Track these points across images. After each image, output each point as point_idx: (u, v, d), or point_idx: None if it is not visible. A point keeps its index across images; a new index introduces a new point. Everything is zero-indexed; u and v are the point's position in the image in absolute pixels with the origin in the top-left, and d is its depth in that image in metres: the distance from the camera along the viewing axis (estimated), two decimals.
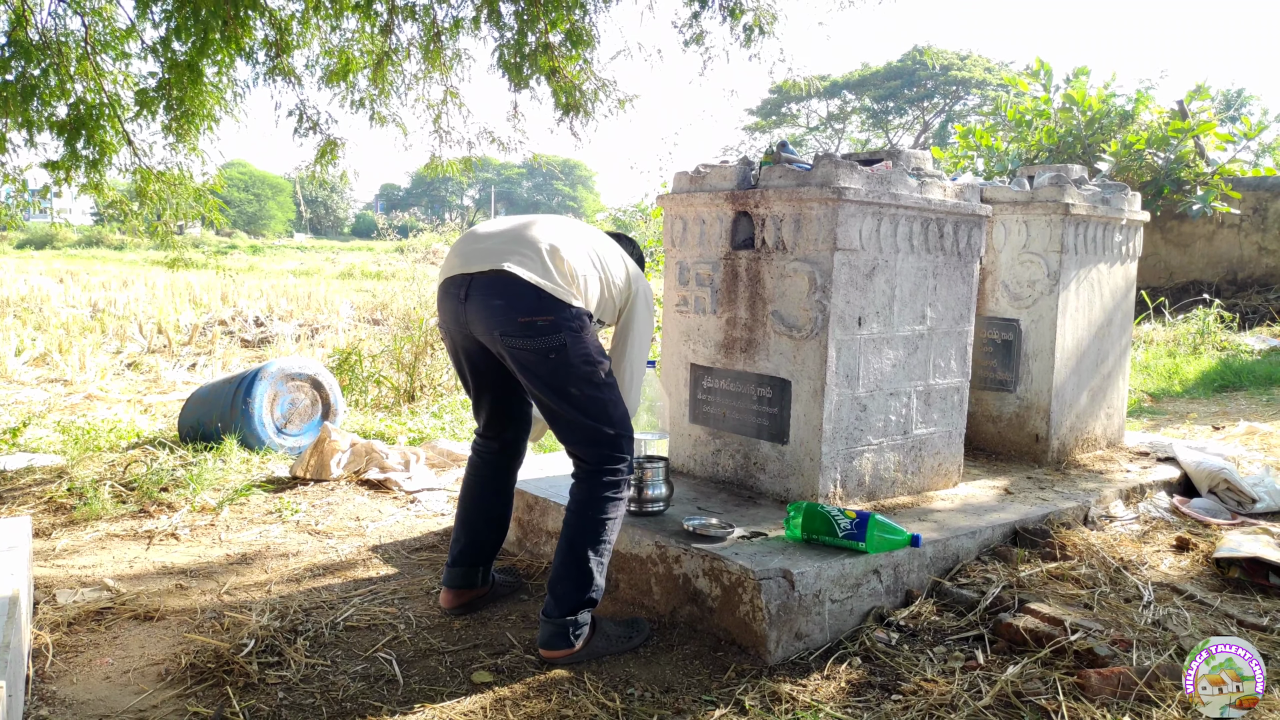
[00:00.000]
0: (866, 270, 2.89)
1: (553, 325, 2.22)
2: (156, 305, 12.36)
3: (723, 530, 2.60)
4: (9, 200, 5.96)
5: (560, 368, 2.25)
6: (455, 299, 2.31)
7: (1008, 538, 2.91)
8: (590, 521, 2.33)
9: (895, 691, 2.15)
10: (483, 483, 2.62)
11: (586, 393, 2.30)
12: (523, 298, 2.21)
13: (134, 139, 5.70)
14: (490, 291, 2.24)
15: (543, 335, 2.22)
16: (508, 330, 2.23)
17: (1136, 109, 11.69)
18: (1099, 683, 2.07)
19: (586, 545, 2.31)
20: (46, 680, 2.23)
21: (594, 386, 2.30)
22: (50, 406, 6.11)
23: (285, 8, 5.71)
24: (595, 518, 2.33)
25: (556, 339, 2.22)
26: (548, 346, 2.22)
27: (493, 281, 2.24)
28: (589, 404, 2.31)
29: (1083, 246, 3.76)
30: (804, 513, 2.56)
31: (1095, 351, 3.90)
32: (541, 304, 2.21)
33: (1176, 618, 2.45)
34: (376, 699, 2.16)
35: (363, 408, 6.27)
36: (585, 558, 2.30)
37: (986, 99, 35.59)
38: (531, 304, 2.21)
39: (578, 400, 2.29)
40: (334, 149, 6.02)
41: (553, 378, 2.26)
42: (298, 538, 3.39)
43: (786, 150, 3.09)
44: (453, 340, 2.42)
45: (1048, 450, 3.72)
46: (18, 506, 3.69)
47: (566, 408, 2.30)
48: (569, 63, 5.63)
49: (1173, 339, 9.07)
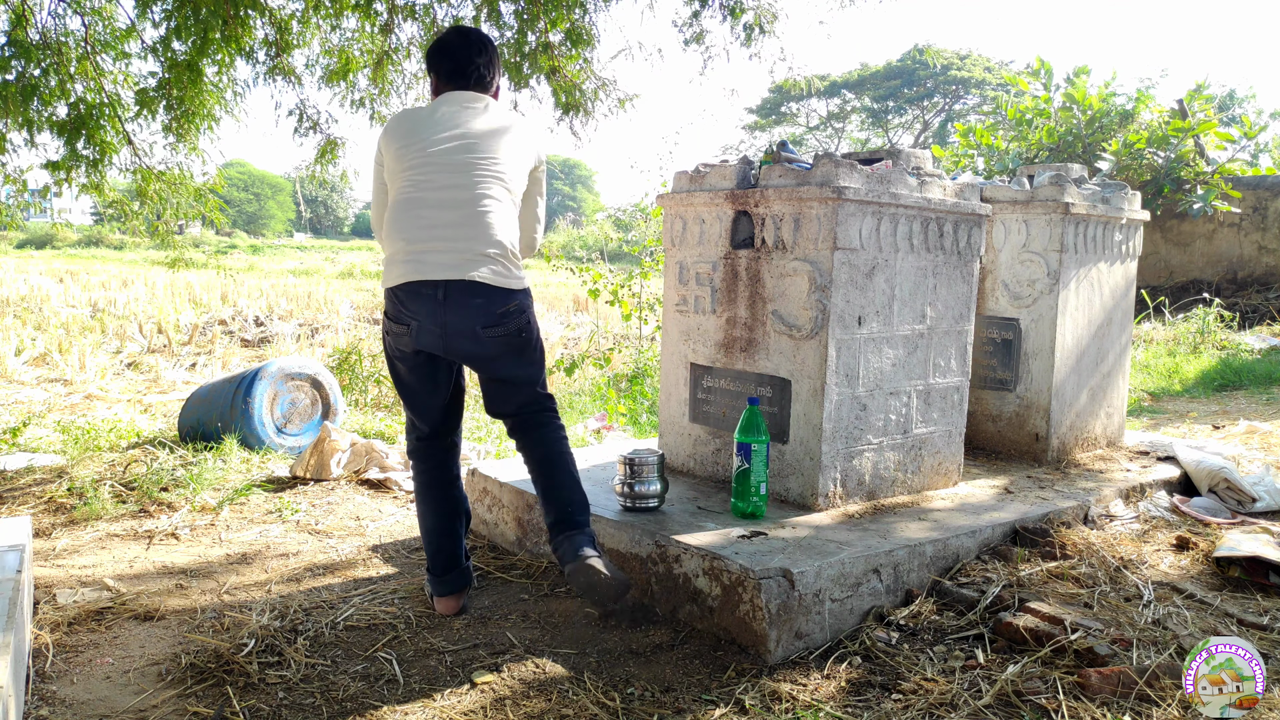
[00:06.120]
0: (866, 269, 2.89)
1: (518, 307, 2.57)
2: (156, 305, 12.36)
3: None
4: (9, 200, 5.96)
5: (526, 340, 2.61)
6: (433, 300, 2.50)
7: (1008, 537, 2.91)
8: (569, 453, 2.67)
9: (895, 690, 2.15)
10: (443, 485, 2.76)
11: (537, 355, 2.67)
12: (494, 295, 2.52)
13: (134, 139, 5.70)
14: (468, 292, 2.50)
15: (513, 318, 2.56)
16: (489, 323, 2.51)
17: (1137, 108, 11.69)
18: (1099, 682, 2.07)
19: (576, 470, 2.66)
20: (47, 680, 2.23)
21: (540, 348, 2.68)
22: (50, 406, 6.11)
23: (285, 7, 5.71)
24: (569, 450, 2.68)
25: (522, 318, 2.58)
26: (518, 326, 2.57)
27: (470, 285, 2.50)
28: (538, 363, 2.67)
29: (1083, 245, 3.76)
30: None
31: (1095, 350, 3.90)
32: (509, 294, 2.55)
33: (1176, 617, 2.45)
34: (377, 699, 2.16)
35: (363, 407, 6.28)
36: (579, 479, 2.65)
37: (987, 98, 35.59)
38: (503, 297, 2.54)
39: (532, 362, 2.64)
40: (334, 148, 6.02)
41: (521, 351, 2.60)
42: (298, 537, 3.39)
43: (786, 149, 3.09)
44: (402, 334, 2.56)
45: (1048, 449, 3.72)
46: (18, 506, 3.69)
47: (524, 372, 2.63)
48: (569, 62, 5.63)
49: (1173, 338, 9.07)
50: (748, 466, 2.75)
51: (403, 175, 2.59)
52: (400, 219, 2.56)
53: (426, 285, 2.50)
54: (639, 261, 7.27)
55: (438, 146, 2.55)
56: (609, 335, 8.99)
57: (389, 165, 2.63)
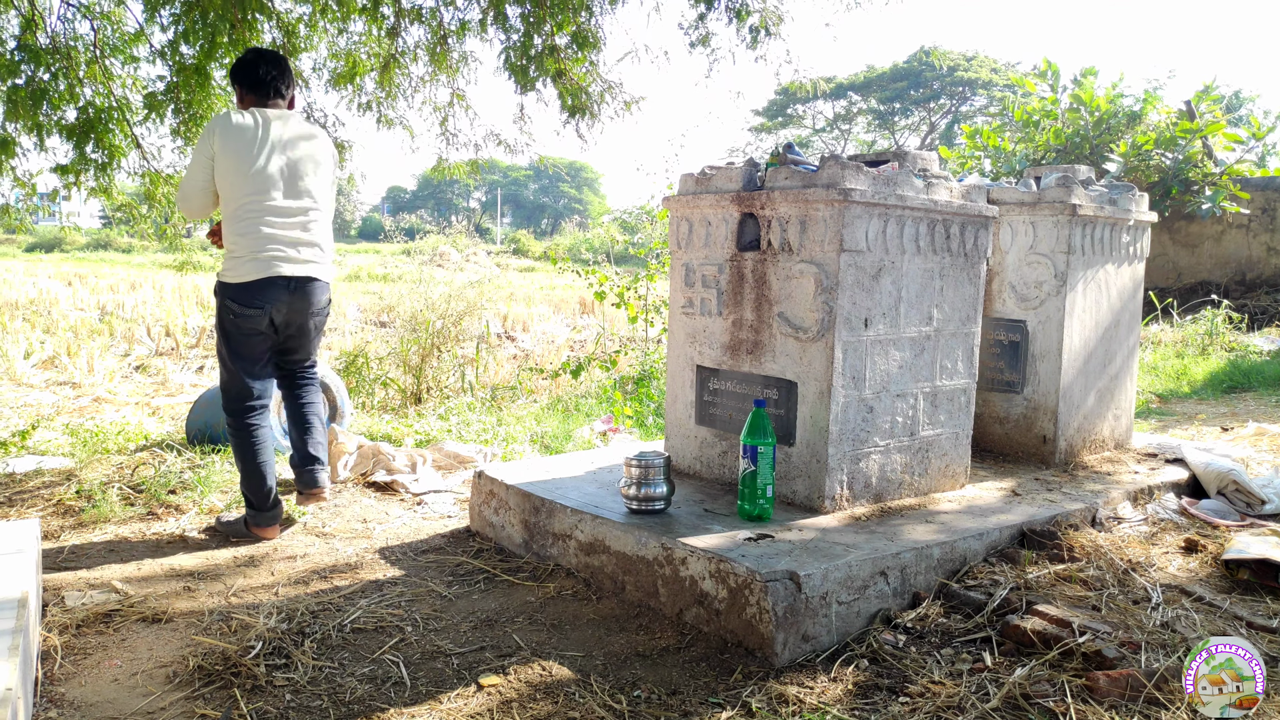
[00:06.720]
0: (873, 271, 2.89)
1: (329, 297, 3.52)
2: (164, 308, 12.40)
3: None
4: (18, 204, 5.99)
5: (326, 318, 3.55)
6: (285, 289, 3.32)
7: (1015, 539, 2.91)
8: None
9: (902, 694, 2.14)
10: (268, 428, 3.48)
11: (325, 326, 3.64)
12: (325, 289, 3.47)
13: (143, 142, 5.73)
14: (310, 287, 3.39)
15: (328, 304, 3.52)
16: (318, 310, 3.45)
17: (1144, 109, 11.66)
18: (1107, 685, 2.06)
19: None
20: (55, 682, 2.24)
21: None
22: (59, 409, 6.14)
23: (292, 11, 5.73)
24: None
25: (330, 304, 3.54)
26: (328, 310, 3.53)
27: (310, 280, 3.38)
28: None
29: (1090, 247, 3.75)
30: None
31: (1102, 352, 3.89)
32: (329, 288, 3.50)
33: (1185, 619, 2.44)
34: (384, 701, 2.16)
35: (369, 410, 6.29)
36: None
37: (993, 100, 35.55)
38: (328, 290, 3.48)
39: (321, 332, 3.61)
40: (341, 151, 6.03)
41: (323, 325, 3.56)
42: (305, 540, 3.40)
43: (792, 152, 3.09)
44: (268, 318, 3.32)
45: (1055, 452, 3.71)
46: (27, 509, 3.71)
47: (318, 341, 3.59)
48: (575, 65, 5.64)
49: (1181, 340, 9.04)
50: (754, 469, 2.75)
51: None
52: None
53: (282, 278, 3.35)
54: (645, 264, 7.27)
55: None
56: (615, 337, 8.99)
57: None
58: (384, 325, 10.97)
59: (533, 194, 66.86)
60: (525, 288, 17.68)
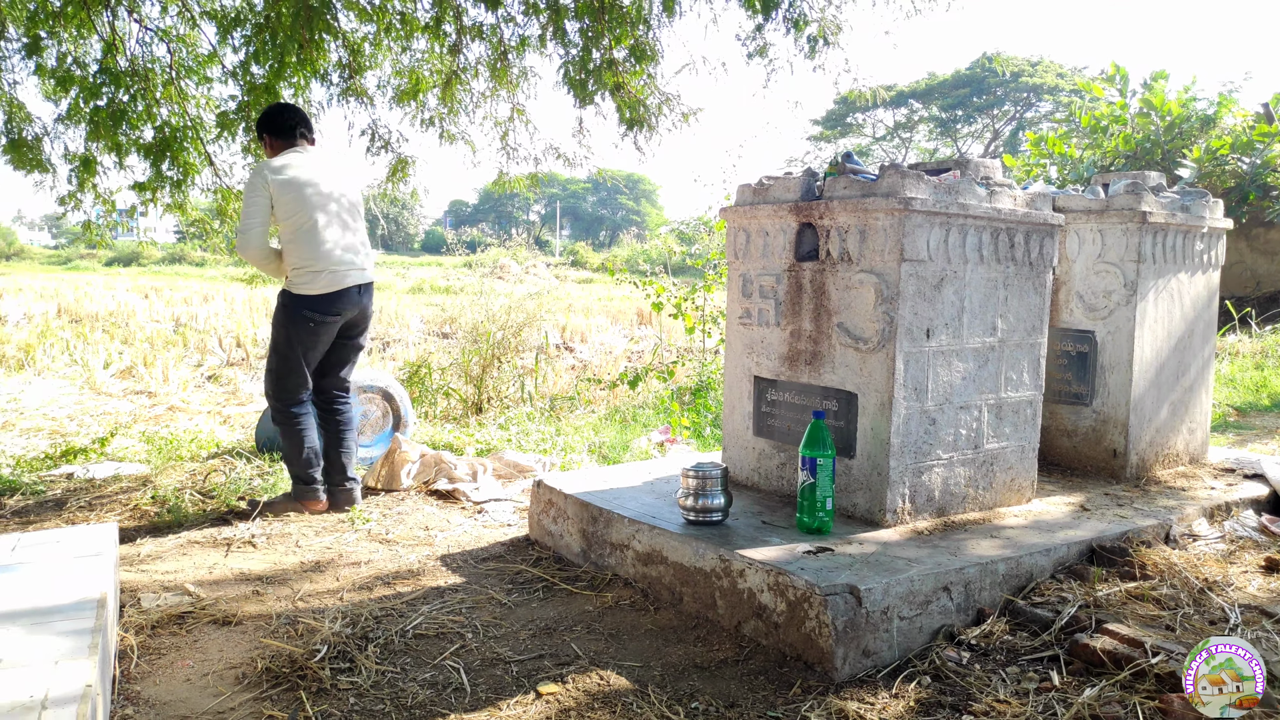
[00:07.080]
0: (934, 281, 2.85)
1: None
2: (235, 320, 12.78)
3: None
4: (99, 220, 6.22)
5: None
6: (355, 293, 3.84)
7: (1084, 556, 2.83)
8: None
9: (966, 712, 2.10)
10: (312, 414, 3.89)
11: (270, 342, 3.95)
12: (374, 293, 3.99)
13: (215, 160, 5.92)
14: (370, 289, 3.94)
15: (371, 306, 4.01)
16: (369, 310, 3.97)
17: (1219, 113, 11.29)
18: (1182, 708, 1.99)
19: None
20: (131, 680, 2.32)
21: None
22: (135, 417, 6.36)
23: (358, 30, 5.87)
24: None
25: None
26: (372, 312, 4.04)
27: (370, 284, 3.94)
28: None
29: (1161, 255, 3.64)
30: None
31: (1175, 364, 3.77)
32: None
33: (1266, 642, 2.34)
34: (444, 706, 2.19)
35: (432, 419, 6.39)
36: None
37: (1059, 105, 34.75)
38: (373, 293, 4.00)
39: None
40: (404, 167, 6.15)
41: (369, 328, 4.07)
42: (369, 546, 3.46)
43: (851, 161, 3.07)
44: (335, 321, 3.81)
45: (1126, 465, 3.61)
46: (105, 513, 3.85)
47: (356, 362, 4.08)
48: (633, 78, 5.67)
49: (1260, 350, 8.70)
50: (813, 481, 2.72)
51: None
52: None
53: (356, 287, 3.87)
54: (702, 275, 7.26)
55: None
56: (672, 348, 8.99)
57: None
58: (446, 336, 11.14)
59: (591, 206, 67.35)
60: (583, 299, 17.79)
